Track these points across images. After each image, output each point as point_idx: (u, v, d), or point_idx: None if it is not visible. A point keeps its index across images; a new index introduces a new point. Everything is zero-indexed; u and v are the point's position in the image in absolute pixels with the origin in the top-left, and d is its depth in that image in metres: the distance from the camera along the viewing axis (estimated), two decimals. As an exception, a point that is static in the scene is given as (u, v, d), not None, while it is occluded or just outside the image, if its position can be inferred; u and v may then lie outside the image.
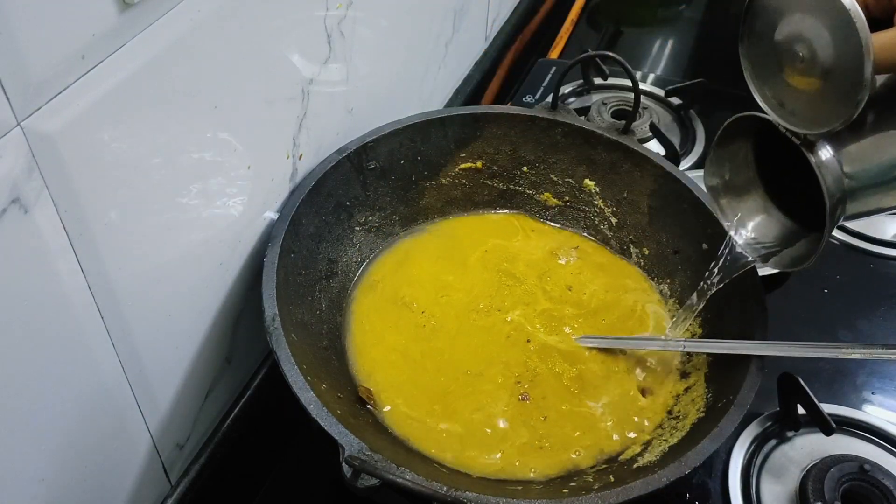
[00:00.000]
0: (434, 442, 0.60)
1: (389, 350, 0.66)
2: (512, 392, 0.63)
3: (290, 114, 0.60)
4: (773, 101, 0.50)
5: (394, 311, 0.69)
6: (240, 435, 0.63)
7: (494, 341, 0.67)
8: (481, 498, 0.48)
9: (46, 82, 0.37)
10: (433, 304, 0.70)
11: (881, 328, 0.78)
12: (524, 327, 0.68)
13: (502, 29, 1.11)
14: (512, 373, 0.65)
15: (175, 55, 0.44)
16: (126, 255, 0.46)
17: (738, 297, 0.62)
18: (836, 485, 0.62)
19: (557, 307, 0.70)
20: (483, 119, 0.76)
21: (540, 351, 0.66)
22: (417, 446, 0.60)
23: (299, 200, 0.64)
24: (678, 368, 0.66)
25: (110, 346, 0.47)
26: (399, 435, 0.60)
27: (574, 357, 0.66)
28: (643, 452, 0.59)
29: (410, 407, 0.62)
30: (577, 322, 0.69)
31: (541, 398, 0.63)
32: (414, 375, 0.65)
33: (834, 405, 0.69)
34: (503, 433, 0.61)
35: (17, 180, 0.37)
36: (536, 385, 0.64)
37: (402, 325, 0.68)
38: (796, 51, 0.46)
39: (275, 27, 0.54)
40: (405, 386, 0.64)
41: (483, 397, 0.63)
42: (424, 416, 0.62)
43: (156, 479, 0.57)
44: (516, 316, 0.69)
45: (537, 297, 0.71)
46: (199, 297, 0.56)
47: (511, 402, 0.63)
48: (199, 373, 0.58)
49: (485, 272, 0.73)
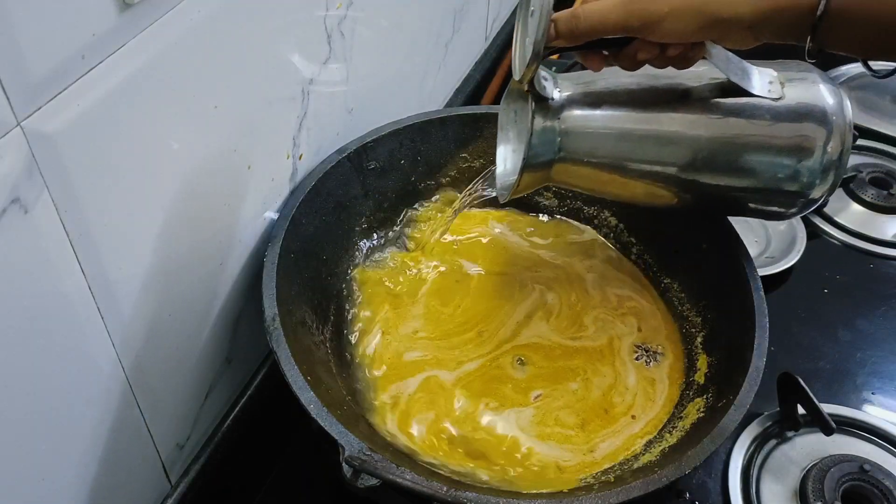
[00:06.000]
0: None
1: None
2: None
3: (290, 114, 0.60)
4: (519, 50, 0.56)
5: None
6: (240, 435, 0.63)
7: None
8: (481, 498, 0.48)
9: (46, 82, 0.37)
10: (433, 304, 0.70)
11: (881, 328, 0.78)
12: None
13: (502, 29, 1.11)
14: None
15: (175, 55, 0.44)
16: (126, 255, 0.46)
17: (739, 297, 0.62)
18: (836, 485, 0.62)
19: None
20: (483, 119, 0.76)
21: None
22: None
23: (299, 200, 0.64)
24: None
25: (110, 346, 0.47)
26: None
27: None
28: (643, 452, 0.59)
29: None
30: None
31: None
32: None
33: (834, 405, 0.69)
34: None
35: (17, 180, 0.37)
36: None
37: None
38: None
39: (275, 27, 0.54)
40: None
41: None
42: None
43: (156, 479, 0.57)
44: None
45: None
46: (199, 297, 0.56)
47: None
48: (199, 373, 0.58)
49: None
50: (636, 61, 0.53)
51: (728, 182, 0.59)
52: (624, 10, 0.50)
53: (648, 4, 0.49)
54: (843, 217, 0.89)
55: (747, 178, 0.59)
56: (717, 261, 0.66)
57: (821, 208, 0.66)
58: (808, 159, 0.57)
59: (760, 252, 0.84)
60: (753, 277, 0.62)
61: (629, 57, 0.53)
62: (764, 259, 0.82)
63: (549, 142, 0.57)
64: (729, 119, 0.57)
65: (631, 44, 0.52)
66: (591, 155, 0.59)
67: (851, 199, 0.91)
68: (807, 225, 0.86)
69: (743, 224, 0.87)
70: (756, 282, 0.62)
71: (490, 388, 0.64)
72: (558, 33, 0.51)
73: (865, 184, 0.92)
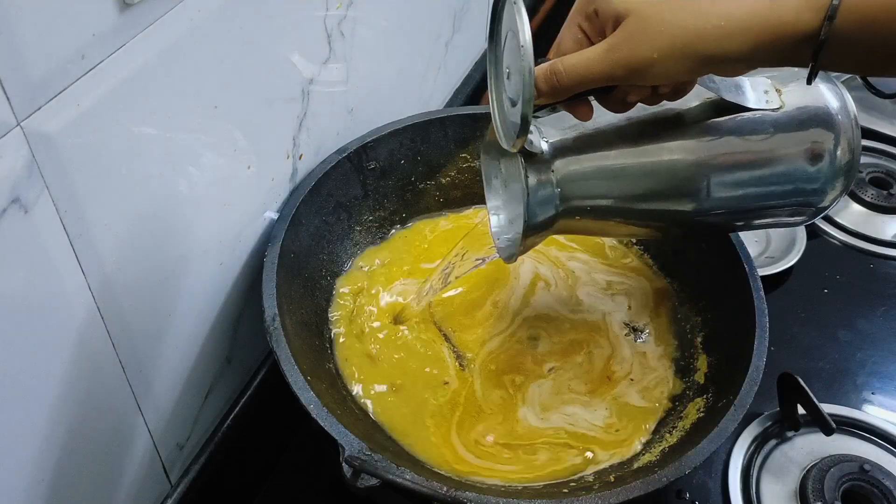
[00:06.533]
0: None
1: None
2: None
3: (290, 114, 0.60)
4: (498, 112, 0.52)
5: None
6: (240, 435, 0.63)
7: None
8: (481, 498, 0.48)
9: (46, 82, 0.37)
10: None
11: (881, 328, 0.78)
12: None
13: (502, 29, 1.10)
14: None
15: (175, 55, 0.44)
16: (126, 255, 0.46)
17: (739, 297, 0.62)
18: (836, 485, 0.62)
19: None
20: (483, 119, 0.76)
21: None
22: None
23: (299, 200, 0.64)
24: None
25: (110, 346, 0.47)
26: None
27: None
28: (643, 452, 0.59)
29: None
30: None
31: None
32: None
33: (834, 405, 0.69)
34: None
35: (17, 180, 0.37)
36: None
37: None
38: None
39: (275, 27, 0.54)
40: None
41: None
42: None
43: (156, 479, 0.57)
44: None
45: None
46: (199, 298, 0.56)
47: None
48: (199, 373, 0.58)
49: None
50: (626, 104, 0.50)
51: (737, 204, 0.56)
52: (608, 61, 0.46)
53: (633, 51, 0.45)
54: (843, 217, 0.89)
55: (756, 198, 0.56)
56: (717, 261, 0.66)
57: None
58: (819, 166, 0.54)
59: (760, 252, 0.84)
60: (753, 277, 0.62)
61: (619, 101, 0.50)
62: (764, 259, 0.82)
63: (547, 198, 0.54)
64: (730, 139, 0.53)
65: (618, 88, 0.49)
66: (592, 201, 0.55)
67: (851, 199, 0.91)
68: (807, 225, 0.86)
69: (743, 224, 0.87)
70: (756, 282, 0.62)
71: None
72: (539, 92, 0.47)
73: (865, 184, 0.92)
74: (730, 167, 0.54)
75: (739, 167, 0.54)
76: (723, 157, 0.54)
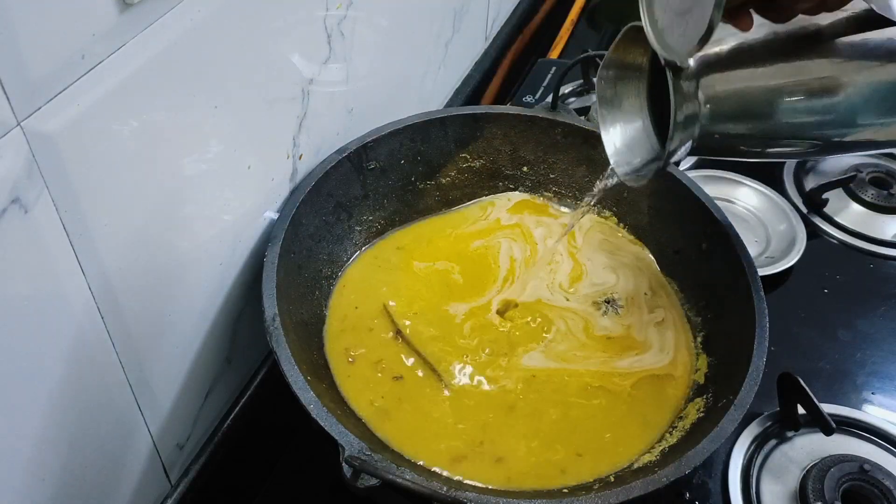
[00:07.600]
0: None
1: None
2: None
3: (290, 114, 0.60)
4: (652, 21, 0.52)
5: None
6: (240, 435, 0.63)
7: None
8: (481, 498, 0.48)
9: (46, 82, 0.37)
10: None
11: (881, 328, 0.78)
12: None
13: (502, 29, 1.11)
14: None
15: (175, 55, 0.44)
16: (126, 256, 0.46)
17: (739, 297, 0.62)
18: (836, 485, 0.62)
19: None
20: (483, 119, 0.76)
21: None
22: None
23: (299, 200, 0.64)
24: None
25: (110, 346, 0.47)
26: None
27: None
28: (643, 452, 0.59)
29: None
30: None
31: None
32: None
33: (834, 405, 0.69)
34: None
35: (17, 180, 0.37)
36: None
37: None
38: None
39: (275, 27, 0.54)
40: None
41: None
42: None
43: (156, 479, 0.57)
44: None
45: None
46: (199, 297, 0.56)
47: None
48: (199, 373, 0.58)
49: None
50: (790, 12, 0.49)
51: (888, 122, 0.54)
52: None
53: None
54: (843, 217, 0.89)
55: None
56: (717, 261, 0.66)
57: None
58: None
59: (760, 252, 0.84)
60: (753, 277, 0.62)
61: (783, 8, 0.48)
62: (764, 259, 0.82)
63: (692, 115, 0.52)
64: (880, 53, 0.51)
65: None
66: (738, 119, 0.53)
67: (851, 199, 0.91)
68: (807, 225, 0.86)
69: (743, 224, 0.87)
70: (756, 282, 0.62)
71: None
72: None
73: (865, 184, 0.92)
74: (885, 83, 0.52)
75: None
76: (876, 74, 0.52)
